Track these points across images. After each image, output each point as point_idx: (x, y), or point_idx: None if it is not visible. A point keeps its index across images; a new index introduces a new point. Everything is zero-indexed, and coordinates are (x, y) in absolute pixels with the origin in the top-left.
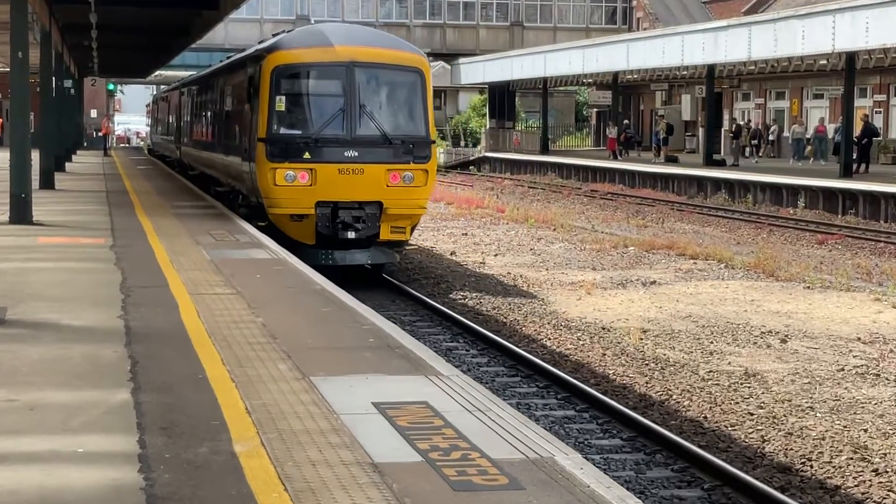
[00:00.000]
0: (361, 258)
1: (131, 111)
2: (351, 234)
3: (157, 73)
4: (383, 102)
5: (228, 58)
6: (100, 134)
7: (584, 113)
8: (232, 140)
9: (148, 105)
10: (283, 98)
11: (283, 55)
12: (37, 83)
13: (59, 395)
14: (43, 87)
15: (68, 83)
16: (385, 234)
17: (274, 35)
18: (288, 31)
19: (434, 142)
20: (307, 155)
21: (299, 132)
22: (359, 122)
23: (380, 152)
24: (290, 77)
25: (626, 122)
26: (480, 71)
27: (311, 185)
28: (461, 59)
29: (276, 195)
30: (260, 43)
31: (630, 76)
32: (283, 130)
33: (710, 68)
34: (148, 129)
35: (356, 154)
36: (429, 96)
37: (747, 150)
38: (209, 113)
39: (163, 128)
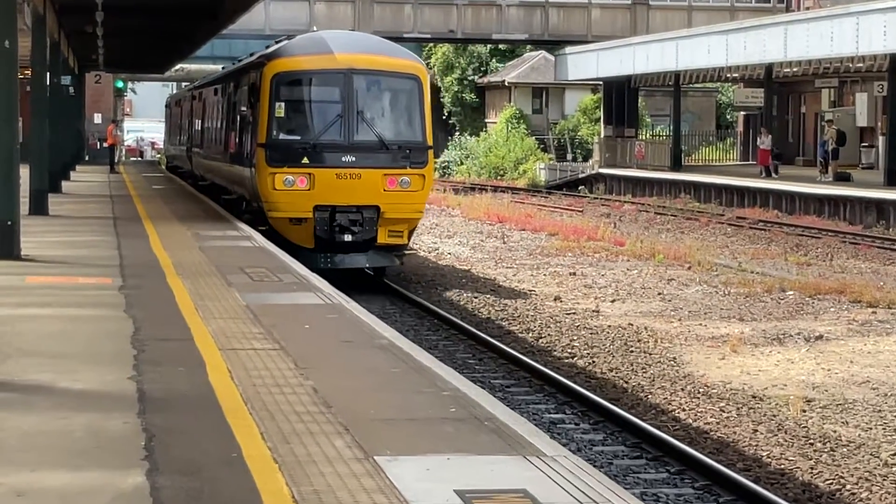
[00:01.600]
0: (360, 261)
1: (145, 115)
2: (348, 237)
3: (178, 66)
4: (381, 108)
5: (240, 60)
6: (105, 144)
7: (728, 117)
8: (235, 146)
9: (169, 105)
10: (283, 104)
11: (282, 62)
12: (27, 80)
13: (55, 478)
14: (34, 84)
15: (66, 80)
16: (383, 237)
17: (277, 42)
18: (290, 39)
19: (431, 147)
20: (306, 160)
21: (298, 138)
22: (356, 128)
23: (377, 157)
24: (290, 84)
25: (762, 128)
26: (593, 63)
27: (309, 190)
28: (568, 48)
29: (275, 199)
30: (267, 48)
31: (788, 69)
32: (282, 136)
33: (894, 59)
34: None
35: (353, 159)
36: (426, 102)
37: None
38: (216, 120)
39: (176, 136)
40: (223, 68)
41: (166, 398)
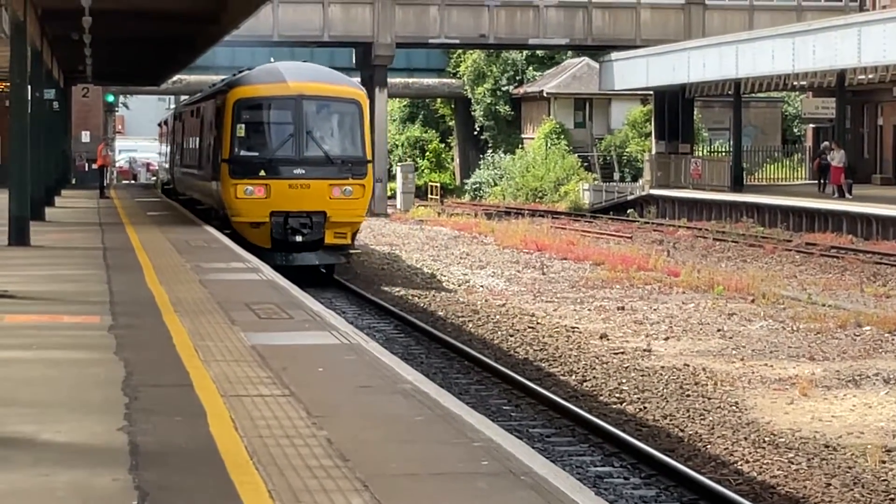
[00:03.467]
0: (311, 259)
1: (139, 133)
2: (299, 238)
3: (175, 78)
4: (327, 128)
5: (213, 86)
6: (94, 166)
7: (796, 130)
8: (204, 161)
9: (160, 124)
10: (243, 125)
11: (243, 90)
12: (5, 94)
13: None
14: (14, 99)
15: (50, 93)
16: (330, 238)
17: (239, 72)
18: (249, 70)
19: (370, 161)
20: (263, 172)
21: (256, 154)
22: (306, 145)
23: (324, 170)
24: (249, 108)
25: (824, 143)
26: (642, 70)
27: (266, 198)
28: (614, 54)
29: (237, 206)
30: (233, 75)
31: (863, 76)
32: (243, 152)
33: None
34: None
35: (304, 171)
36: (366, 122)
37: None
38: (191, 139)
39: (165, 156)
40: (200, 92)
41: (162, 452)
